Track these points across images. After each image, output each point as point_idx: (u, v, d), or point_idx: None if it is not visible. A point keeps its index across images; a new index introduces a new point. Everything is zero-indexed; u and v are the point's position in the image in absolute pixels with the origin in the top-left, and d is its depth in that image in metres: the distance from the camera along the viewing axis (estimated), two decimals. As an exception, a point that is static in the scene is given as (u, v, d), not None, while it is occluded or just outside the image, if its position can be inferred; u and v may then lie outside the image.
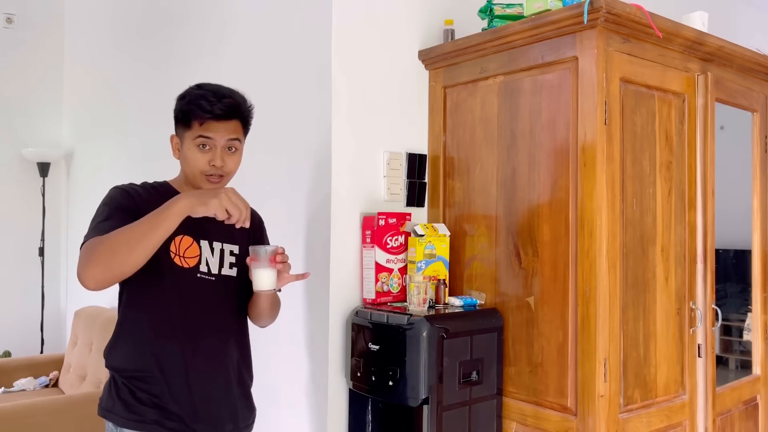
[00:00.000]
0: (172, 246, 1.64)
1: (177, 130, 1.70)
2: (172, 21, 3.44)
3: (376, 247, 2.27)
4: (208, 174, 1.65)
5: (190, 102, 1.64)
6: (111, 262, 1.44)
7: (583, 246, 1.98)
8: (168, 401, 1.61)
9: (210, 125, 1.63)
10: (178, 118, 1.68)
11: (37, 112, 4.72)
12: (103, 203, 1.63)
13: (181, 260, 1.65)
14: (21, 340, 4.50)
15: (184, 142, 1.66)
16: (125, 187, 1.68)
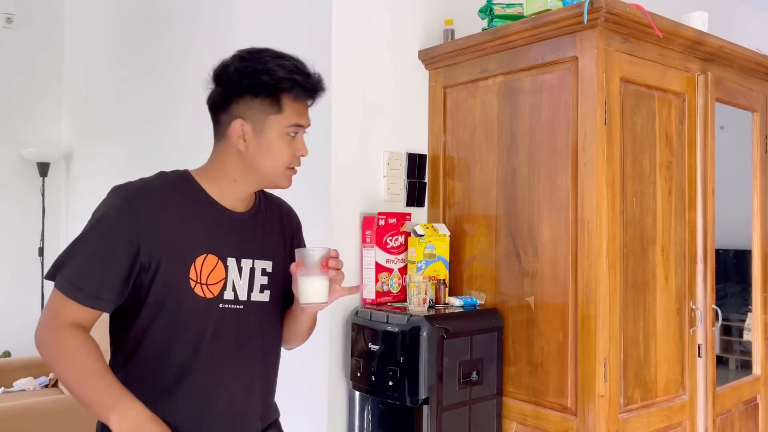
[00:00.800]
0: (192, 272, 1.27)
1: (247, 113, 1.29)
2: (172, 21, 3.44)
3: (376, 247, 2.27)
4: (290, 167, 1.35)
5: (285, 78, 1.28)
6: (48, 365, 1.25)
7: (583, 246, 1.97)
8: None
9: (304, 107, 1.34)
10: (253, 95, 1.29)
11: (37, 112, 4.72)
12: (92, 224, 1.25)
13: (203, 289, 1.29)
14: (21, 340, 4.49)
15: (269, 130, 1.30)
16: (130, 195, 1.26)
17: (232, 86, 1.30)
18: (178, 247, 1.27)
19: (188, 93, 3.24)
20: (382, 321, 2.08)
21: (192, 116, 3.18)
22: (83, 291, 1.21)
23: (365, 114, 2.37)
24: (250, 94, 1.29)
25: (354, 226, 2.32)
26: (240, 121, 1.30)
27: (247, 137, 1.30)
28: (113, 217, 1.24)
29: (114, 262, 1.22)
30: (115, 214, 1.24)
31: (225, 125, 1.33)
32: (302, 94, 1.31)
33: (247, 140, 1.31)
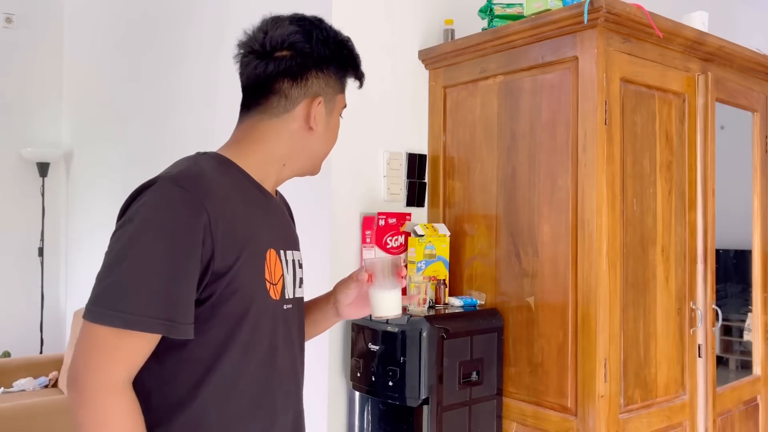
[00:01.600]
0: (267, 271, 1.08)
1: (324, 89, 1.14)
2: (172, 21, 3.44)
3: (376, 247, 2.27)
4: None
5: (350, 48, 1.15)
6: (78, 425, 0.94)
7: (583, 246, 1.97)
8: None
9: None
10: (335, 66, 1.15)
11: (37, 112, 4.72)
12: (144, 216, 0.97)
13: (274, 290, 1.10)
14: (20, 341, 4.50)
15: (337, 109, 1.18)
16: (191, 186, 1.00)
17: (313, 55, 1.11)
18: (250, 244, 1.06)
19: (188, 93, 3.24)
20: (382, 321, 2.08)
21: (192, 116, 3.17)
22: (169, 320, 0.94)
23: (365, 114, 2.37)
24: (332, 68, 1.15)
25: (354, 226, 2.32)
26: (320, 98, 1.14)
27: (319, 117, 1.15)
28: (179, 214, 0.97)
29: (190, 271, 0.97)
30: (180, 209, 0.97)
31: (294, 100, 1.12)
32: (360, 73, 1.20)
33: (318, 120, 1.15)
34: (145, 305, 0.93)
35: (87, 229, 4.40)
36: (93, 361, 0.93)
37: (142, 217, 0.97)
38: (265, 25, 1.13)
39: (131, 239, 0.96)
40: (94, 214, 4.29)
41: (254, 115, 1.14)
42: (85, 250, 4.42)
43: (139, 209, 0.98)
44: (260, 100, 1.13)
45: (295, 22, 1.12)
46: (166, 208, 0.97)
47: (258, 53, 1.12)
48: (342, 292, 1.29)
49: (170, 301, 0.95)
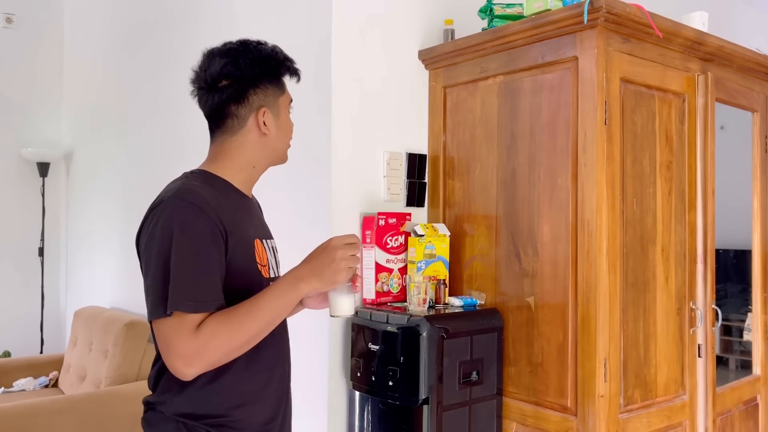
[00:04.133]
0: (257, 255, 1.38)
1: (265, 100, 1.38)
2: (172, 21, 3.44)
3: (376, 247, 2.27)
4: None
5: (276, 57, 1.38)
6: (219, 363, 1.25)
7: (583, 246, 1.97)
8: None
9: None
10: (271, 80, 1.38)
11: (37, 112, 4.72)
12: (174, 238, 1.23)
13: (264, 271, 1.41)
14: (21, 340, 4.50)
15: (282, 109, 1.41)
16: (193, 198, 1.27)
17: (245, 78, 1.36)
18: (241, 236, 1.34)
19: (188, 92, 3.24)
20: (382, 321, 2.08)
21: (192, 116, 3.17)
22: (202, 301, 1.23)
23: (365, 114, 2.37)
24: (265, 81, 1.38)
25: (354, 226, 2.32)
26: (263, 109, 1.38)
27: (268, 122, 1.39)
28: (188, 222, 1.24)
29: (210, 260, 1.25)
30: (193, 217, 1.25)
31: (243, 118, 1.38)
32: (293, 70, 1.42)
33: (268, 125, 1.39)
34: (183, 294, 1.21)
35: (87, 229, 4.40)
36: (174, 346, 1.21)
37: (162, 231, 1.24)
38: (204, 63, 1.41)
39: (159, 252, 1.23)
40: (94, 214, 4.29)
41: (219, 136, 1.42)
42: (85, 250, 4.42)
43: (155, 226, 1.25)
44: (219, 124, 1.41)
45: (224, 55, 1.38)
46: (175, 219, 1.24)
47: (205, 88, 1.40)
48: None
49: (199, 286, 1.23)
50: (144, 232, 1.29)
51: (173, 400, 1.32)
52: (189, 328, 1.21)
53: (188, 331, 1.21)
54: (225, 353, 1.24)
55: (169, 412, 1.32)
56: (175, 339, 1.21)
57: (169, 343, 1.21)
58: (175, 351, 1.21)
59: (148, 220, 1.28)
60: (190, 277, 1.22)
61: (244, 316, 1.24)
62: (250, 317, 1.24)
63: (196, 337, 1.20)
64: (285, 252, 1.69)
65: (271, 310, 1.27)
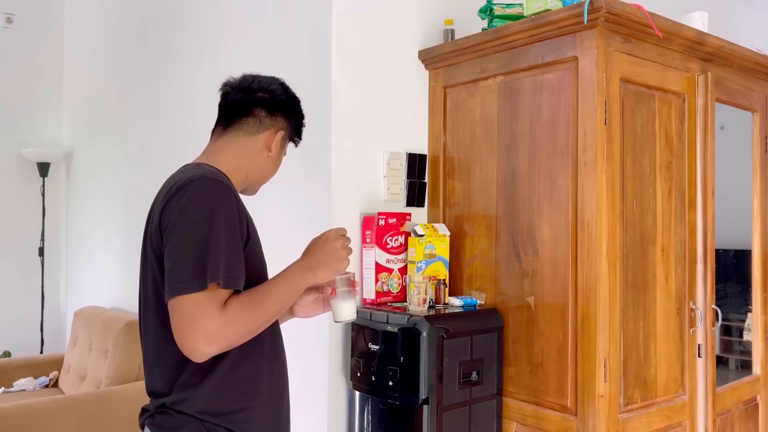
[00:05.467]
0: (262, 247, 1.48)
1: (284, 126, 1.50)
2: (172, 21, 3.44)
3: (376, 247, 2.27)
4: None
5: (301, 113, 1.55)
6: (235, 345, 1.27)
7: (583, 246, 1.97)
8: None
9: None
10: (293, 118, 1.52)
11: (37, 112, 4.72)
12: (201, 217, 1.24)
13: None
14: (21, 340, 4.50)
15: (283, 149, 1.53)
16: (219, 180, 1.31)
17: (282, 102, 1.49)
18: (253, 226, 1.40)
19: (188, 93, 3.24)
20: (382, 321, 2.08)
21: (192, 116, 3.18)
22: (235, 277, 1.26)
23: (365, 114, 2.37)
24: (292, 118, 1.51)
25: (354, 226, 2.32)
26: (282, 133, 1.49)
27: (274, 147, 1.48)
28: (222, 201, 1.27)
29: (239, 241, 1.29)
30: (222, 197, 1.28)
31: (264, 127, 1.47)
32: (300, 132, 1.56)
33: (272, 149, 1.48)
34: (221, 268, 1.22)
35: (87, 229, 4.40)
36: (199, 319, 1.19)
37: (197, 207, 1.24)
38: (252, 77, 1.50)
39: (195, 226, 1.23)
40: (94, 214, 4.29)
41: (231, 131, 1.46)
42: (86, 250, 4.42)
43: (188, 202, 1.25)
44: (240, 119, 1.46)
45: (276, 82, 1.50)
46: (211, 196, 1.26)
47: (244, 90, 1.47)
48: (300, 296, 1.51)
49: (233, 262, 1.25)
50: (172, 208, 1.26)
51: (195, 395, 1.30)
52: (218, 305, 1.21)
53: (217, 307, 1.21)
54: (243, 335, 1.26)
55: (192, 410, 1.30)
56: (204, 314, 1.19)
57: (196, 318, 1.19)
58: (201, 326, 1.19)
59: (176, 197, 1.26)
60: (225, 252, 1.24)
61: (262, 298, 1.28)
62: (267, 300, 1.29)
63: (223, 315, 1.21)
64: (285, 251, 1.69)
65: (285, 294, 1.32)
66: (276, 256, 1.66)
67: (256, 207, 1.86)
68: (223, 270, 1.22)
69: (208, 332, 1.19)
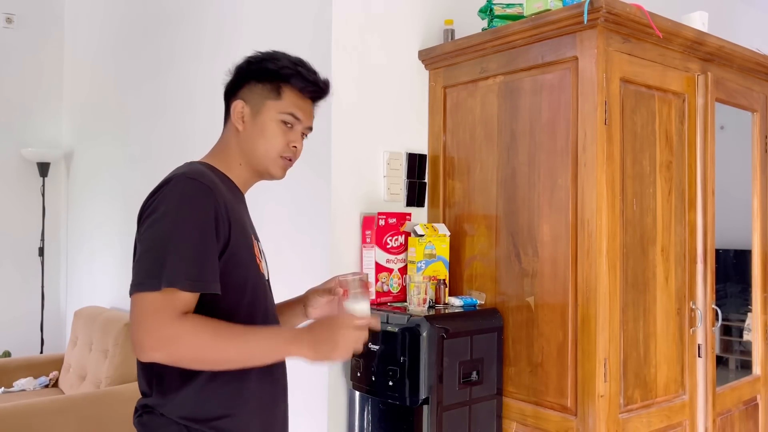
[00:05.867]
0: (255, 250, 1.36)
1: (248, 96, 1.37)
2: (172, 21, 3.44)
3: (376, 247, 2.27)
4: (284, 155, 1.38)
5: (288, 66, 1.36)
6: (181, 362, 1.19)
7: (583, 246, 1.97)
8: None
9: (304, 103, 1.38)
10: (257, 80, 1.37)
11: (37, 112, 4.72)
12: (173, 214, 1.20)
13: (262, 267, 1.38)
14: (21, 340, 4.50)
15: (265, 113, 1.36)
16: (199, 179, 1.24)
17: (240, 72, 1.40)
18: (241, 228, 1.31)
19: (188, 93, 3.24)
20: (382, 321, 2.08)
21: (192, 116, 3.18)
22: (202, 280, 1.19)
23: (365, 114, 2.37)
24: (254, 80, 1.38)
25: (354, 226, 2.32)
26: (240, 102, 1.38)
27: (246, 118, 1.38)
28: (197, 198, 1.22)
29: (212, 243, 1.21)
30: (198, 194, 1.22)
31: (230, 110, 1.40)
32: (301, 83, 1.36)
33: (245, 121, 1.38)
34: (183, 270, 1.16)
35: (87, 229, 4.40)
36: (152, 321, 1.14)
37: (167, 206, 1.20)
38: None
39: (163, 224, 1.19)
40: (94, 214, 4.29)
41: (223, 129, 1.44)
42: (85, 250, 4.42)
43: (161, 200, 1.21)
44: (227, 114, 1.43)
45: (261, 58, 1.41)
46: (186, 195, 1.21)
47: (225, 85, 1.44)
48: (313, 298, 1.52)
49: (199, 264, 1.18)
50: (148, 206, 1.24)
51: (175, 400, 1.25)
52: (174, 310, 1.15)
53: (172, 312, 1.14)
54: (193, 357, 1.18)
55: (173, 414, 1.25)
56: (155, 317, 1.14)
57: (147, 319, 1.14)
58: (149, 328, 1.14)
59: (154, 196, 1.24)
60: (191, 254, 1.18)
61: (229, 337, 1.19)
62: (233, 342, 1.19)
63: (177, 323, 1.14)
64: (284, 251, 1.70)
65: (257, 349, 1.22)
66: (276, 257, 1.66)
67: (257, 207, 1.86)
68: (185, 272, 1.16)
69: (154, 336, 1.14)
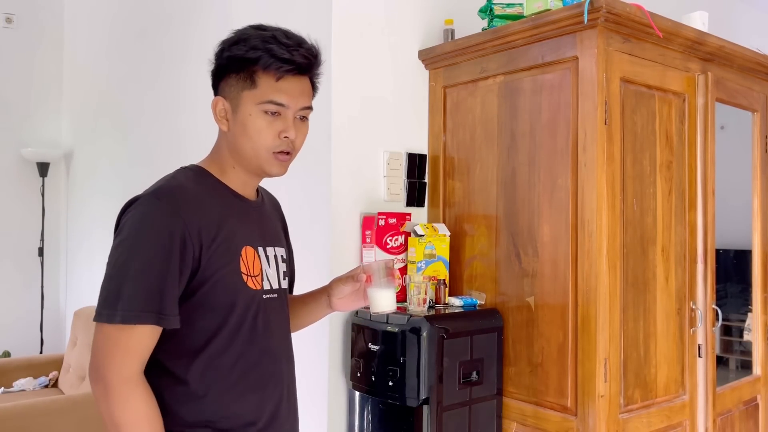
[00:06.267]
0: (242, 265, 1.23)
1: (226, 90, 1.23)
2: (172, 21, 3.44)
3: (376, 247, 2.27)
4: (277, 150, 1.23)
5: (257, 46, 1.17)
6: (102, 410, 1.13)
7: (583, 246, 1.97)
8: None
9: (285, 83, 1.20)
10: (231, 70, 1.21)
11: (37, 112, 4.72)
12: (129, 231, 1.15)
13: (253, 281, 1.25)
14: (21, 340, 4.50)
15: (243, 106, 1.21)
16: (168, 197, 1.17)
17: (216, 65, 1.25)
18: (225, 243, 1.20)
19: (188, 93, 3.24)
20: (382, 321, 2.08)
21: (192, 116, 3.18)
22: (159, 312, 1.12)
23: (365, 114, 2.37)
24: (229, 71, 1.22)
25: (354, 226, 2.32)
26: (219, 99, 1.24)
27: (228, 116, 1.24)
28: (158, 223, 1.14)
29: (171, 271, 1.13)
30: (160, 219, 1.14)
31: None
32: (274, 64, 1.18)
33: (228, 119, 1.24)
34: (138, 302, 1.11)
35: (87, 229, 4.40)
36: (109, 357, 1.12)
37: (129, 230, 1.16)
38: None
39: (122, 249, 1.15)
40: (94, 214, 4.29)
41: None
42: (85, 250, 4.42)
43: (126, 223, 1.17)
44: None
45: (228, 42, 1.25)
46: (147, 219, 1.15)
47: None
48: (337, 287, 1.45)
49: (158, 297, 1.12)
50: (118, 225, 1.19)
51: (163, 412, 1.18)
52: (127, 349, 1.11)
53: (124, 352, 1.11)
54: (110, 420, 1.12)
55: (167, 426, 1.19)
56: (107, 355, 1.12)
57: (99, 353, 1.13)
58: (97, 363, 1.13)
59: (125, 213, 1.19)
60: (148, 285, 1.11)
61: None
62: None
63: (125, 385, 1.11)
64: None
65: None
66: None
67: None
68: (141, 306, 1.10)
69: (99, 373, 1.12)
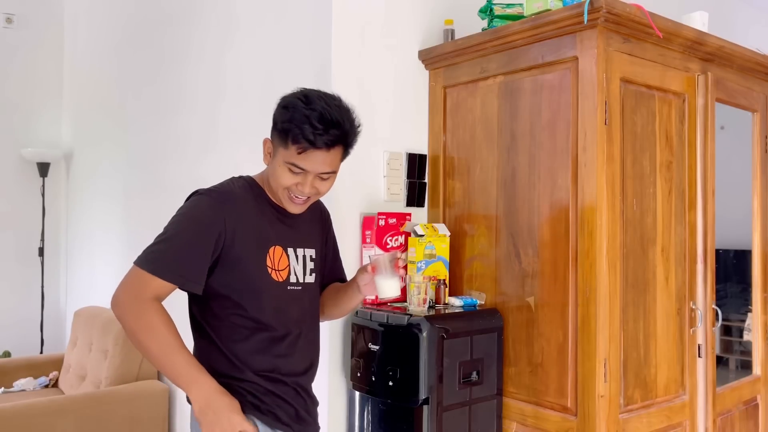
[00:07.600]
0: (269, 260, 1.58)
1: (272, 136, 1.58)
2: (173, 21, 3.44)
3: (376, 247, 2.27)
4: (292, 194, 1.57)
5: (293, 121, 1.49)
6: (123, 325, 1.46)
7: (583, 246, 1.97)
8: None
9: (308, 156, 1.51)
10: (277, 129, 1.54)
11: (37, 112, 4.72)
12: (182, 212, 1.53)
13: (277, 274, 1.59)
14: (21, 340, 4.50)
15: (277, 157, 1.55)
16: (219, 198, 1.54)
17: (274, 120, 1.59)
18: (256, 241, 1.56)
19: (188, 93, 3.24)
20: (382, 321, 2.08)
21: (192, 117, 3.17)
22: (184, 276, 1.47)
23: (365, 114, 2.35)
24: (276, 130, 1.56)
25: (354, 226, 2.32)
26: (267, 140, 1.61)
27: (271, 155, 1.60)
28: (206, 215, 1.50)
29: (206, 252, 1.48)
30: (208, 212, 1.50)
31: None
32: (300, 142, 1.50)
33: (269, 157, 1.61)
34: (169, 263, 1.46)
35: (87, 229, 4.40)
36: (131, 286, 1.46)
37: (182, 211, 1.53)
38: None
39: (172, 224, 1.51)
40: (94, 215, 4.29)
41: None
42: (85, 250, 4.42)
43: (183, 205, 1.55)
44: None
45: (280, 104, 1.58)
46: (196, 207, 1.53)
47: None
48: (360, 276, 1.72)
49: (186, 264, 1.47)
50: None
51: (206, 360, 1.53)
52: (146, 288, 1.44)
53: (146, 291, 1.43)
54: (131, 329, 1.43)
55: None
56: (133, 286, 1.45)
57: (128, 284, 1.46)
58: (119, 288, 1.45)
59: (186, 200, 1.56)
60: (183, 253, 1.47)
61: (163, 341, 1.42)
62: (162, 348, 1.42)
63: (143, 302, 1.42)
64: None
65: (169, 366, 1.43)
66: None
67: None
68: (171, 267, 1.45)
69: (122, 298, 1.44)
